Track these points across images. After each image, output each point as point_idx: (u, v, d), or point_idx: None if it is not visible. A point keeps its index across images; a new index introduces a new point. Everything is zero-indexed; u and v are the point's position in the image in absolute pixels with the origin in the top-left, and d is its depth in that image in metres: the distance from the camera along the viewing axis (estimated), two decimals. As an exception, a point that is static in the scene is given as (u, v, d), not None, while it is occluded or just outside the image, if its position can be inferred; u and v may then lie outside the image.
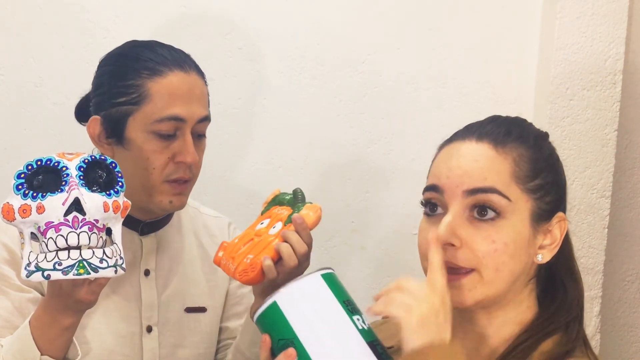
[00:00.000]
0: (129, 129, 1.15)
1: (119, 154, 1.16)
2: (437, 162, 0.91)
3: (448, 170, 0.87)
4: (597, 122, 1.62)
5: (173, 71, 1.15)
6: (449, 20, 1.65)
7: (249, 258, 1.08)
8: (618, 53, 1.60)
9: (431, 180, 0.89)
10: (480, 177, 0.85)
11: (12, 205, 0.94)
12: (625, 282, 1.73)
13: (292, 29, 1.63)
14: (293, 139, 1.66)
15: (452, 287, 0.84)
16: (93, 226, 0.94)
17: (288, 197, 1.15)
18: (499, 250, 0.83)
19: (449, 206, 0.86)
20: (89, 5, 1.58)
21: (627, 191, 1.71)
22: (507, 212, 0.84)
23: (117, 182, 1.00)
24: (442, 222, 0.84)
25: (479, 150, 0.87)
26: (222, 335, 1.33)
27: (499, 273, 0.84)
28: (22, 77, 1.59)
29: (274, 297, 0.83)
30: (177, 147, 1.15)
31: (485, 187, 0.84)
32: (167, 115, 1.13)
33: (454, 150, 0.90)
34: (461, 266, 0.84)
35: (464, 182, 0.85)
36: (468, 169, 0.86)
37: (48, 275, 0.91)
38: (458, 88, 1.66)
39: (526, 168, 0.87)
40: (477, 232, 0.84)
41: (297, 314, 0.83)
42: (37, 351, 1.01)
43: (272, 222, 1.12)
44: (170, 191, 1.16)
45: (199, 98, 1.17)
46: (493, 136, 0.88)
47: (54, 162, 0.96)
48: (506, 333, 0.90)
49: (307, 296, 0.84)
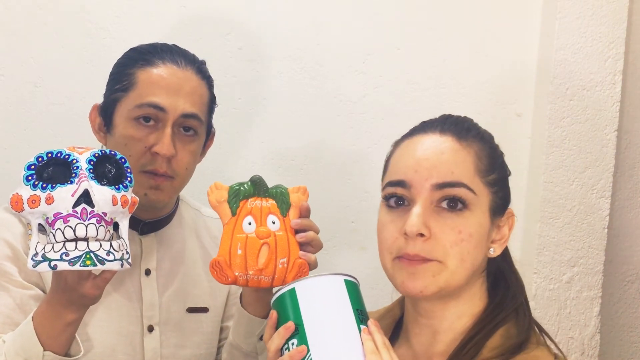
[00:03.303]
0: (116, 115, 1.17)
1: (108, 141, 1.18)
2: (400, 157, 0.92)
3: (416, 163, 0.89)
4: (597, 122, 1.62)
5: (165, 64, 1.16)
6: (449, 20, 1.65)
7: (282, 262, 1.03)
8: (618, 53, 1.61)
9: (397, 175, 0.90)
10: (447, 171, 0.87)
11: (21, 195, 0.94)
12: (625, 282, 1.73)
13: (292, 29, 1.63)
14: (293, 139, 1.66)
15: (415, 272, 0.86)
16: (101, 219, 0.94)
17: (246, 186, 1.07)
18: (464, 241, 0.87)
19: (417, 199, 0.88)
20: (89, 6, 1.58)
21: (626, 191, 1.71)
22: (473, 204, 0.88)
23: (126, 177, 1.00)
24: (413, 214, 0.86)
25: (444, 143, 0.90)
26: (223, 334, 1.33)
27: (464, 263, 0.87)
28: (22, 77, 1.58)
29: (294, 284, 0.87)
30: (155, 137, 1.15)
31: (454, 182, 0.87)
32: (146, 101, 1.14)
33: (417, 143, 0.91)
34: (428, 258, 0.87)
35: (433, 175, 0.87)
36: (436, 162, 0.88)
37: (55, 266, 0.91)
38: (458, 88, 1.67)
39: (486, 162, 0.91)
40: (444, 222, 0.87)
41: (310, 304, 0.86)
42: (40, 346, 1.00)
43: (260, 218, 1.06)
44: (146, 183, 1.15)
45: (188, 94, 1.17)
46: (456, 130, 0.91)
47: (64, 155, 0.97)
48: (460, 326, 0.92)
49: (324, 292, 0.87)
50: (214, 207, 1.08)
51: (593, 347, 1.65)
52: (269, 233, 1.05)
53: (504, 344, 0.88)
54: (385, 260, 0.90)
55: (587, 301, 1.65)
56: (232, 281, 1.04)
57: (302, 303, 0.86)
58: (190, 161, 1.20)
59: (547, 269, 1.63)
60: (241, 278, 1.04)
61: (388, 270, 0.91)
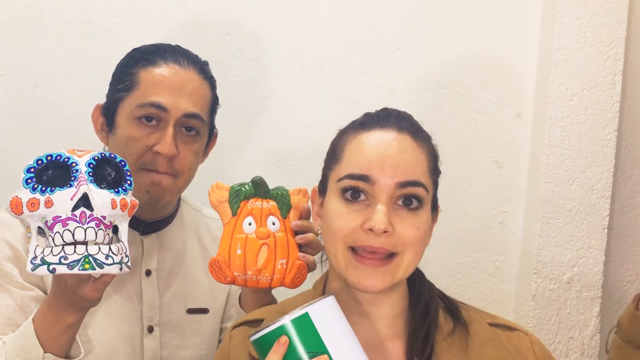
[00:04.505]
0: (118, 115, 1.17)
1: (110, 141, 1.18)
2: (359, 150, 0.92)
3: (381, 160, 0.89)
4: (596, 122, 1.62)
5: (168, 64, 1.16)
6: (449, 20, 1.65)
7: (282, 263, 1.05)
8: (618, 53, 1.61)
9: (359, 169, 0.90)
10: (410, 170, 0.90)
11: (20, 198, 0.94)
12: (625, 282, 1.73)
13: (292, 29, 1.63)
14: (293, 139, 1.66)
15: (374, 272, 0.88)
16: (100, 222, 0.94)
17: (246, 187, 1.08)
18: (421, 237, 0.90)
19: (380, 196, 0.89)
20: (89, 6, 1.59)
21: (626, 191, 1.71)
22: (425, 202, 0.91)
23: (126, 181, 1.00)
24: (379, 212, 0.87)
25: (404, 141, 0.91)
26: (222, 336, 1.33)
27: (416, 257, 0.91)
28: (22, 77, 1.59)
29: (306, 309, 0.82)
30: (156, 137, 1.15)
31: (415, 181, 0.89)
32: (149, 101, 1.14)
33: (378, 138, 0.92)
34: (392, 251, 0.89)
35: (397, 174, 0.89)
36: (399, 160, 0.89)
37: (53, 269, 0.91)
38: (458, 88, 1.66)
39: (433, 162, 0.94)
40: (404, 220, 0.89)
41: (328, 327, 0.82)
42: (41, 348, 1.01)
43: (260, 218, 1.07)
44: (146, 179, 1.15)
45: (190, 94, 1.17)
46: (412, 129, 0.93)
47: (64, 158, 0.97)
48: (397, 309, 0.96)
49: (335, 312, 0.84)
50: (215, 207, 1.08)
51: (593, 347, 1.65)
52: (269, 234, 1.06)
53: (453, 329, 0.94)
54: (338, 249, 0.90)
55: (587, 301, 1.65)
56: (231, 280, 1.05)
57: (321, 328, 0.82)
58: (192, 161, 1.19)
59: (547, 269, 1.63)
60: (240, 278, 1.05)
61: (339, 260, 0.91)
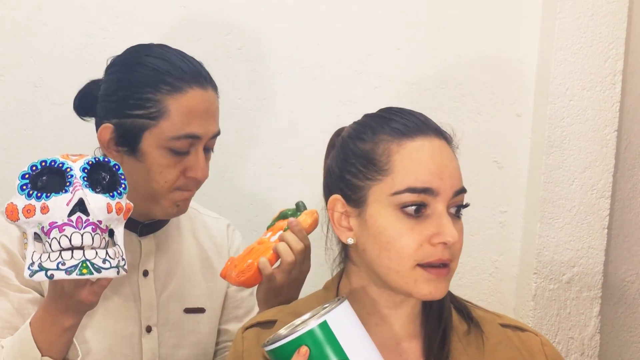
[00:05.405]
0: (144, 143, 1.13)
1: (130, 163, 1.15)
2: (416, 161, 0.87)
3: (440, 171, 0.87)
4: (596, 122, 1.62)
5: (193, 88, 1.13)
6: (449, 20, 1.65)
7: (248, 262, 1.12)
8: (618, 53, 1.60)
9: (422, 182, 0.86)
10: (460, 178, 0.89)
11: (16, 205, 0.94)
12: (625, 282, 1.73)
13: (292, 29, 1.63)
14: (293, 139, 1.66)
15: (443, 282, 0.88)
16: (96, 227, 0.94)
17: (291, 211, 1.18)
18: (462, 243, 0.90)
19: (439, 206, 0.86)
20: (89, 6, 1.58)
21: (626, 191, 1.71)
22: None
23: (120, 184, 1.00)
24: (447, 223, 0.85)
25: (446, 148, 0.90)
26: (221, 337, 1.33)
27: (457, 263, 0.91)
28: (22, 77, 1.59)
29: (324, 317, 0.80)
30: (188, 162, 1.15)
31: (463, 188, 0.89)
32: (184, 133, 1.13)
33: (427, 147, 0.88)
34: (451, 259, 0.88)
35: (454, 183, 0.88)
36: (452, 168, 0.89)
37: (51, 275, 0.91)
38: (458, 88, 1.66)
39: None
40: (456, 227, 0.88)
41: (346, 334, 0.81)
42: (38, 352, 1.01)
43: (275, 233, 1.16)
44: (179, 197, 1.18)
45: (214, 114, 1.18)
46: (445, 134, 0.92)
47: (58, 163, 0.96)
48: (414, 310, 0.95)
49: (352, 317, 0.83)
50: None
51: (593, 347, 1.65)
52: (263, 241, 1.15)
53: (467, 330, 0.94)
54: (404, 267, 0.86)
55: (587, 301, 1.65)
56: (223, 275, 1.17)
57: (340, 336, 0.80)
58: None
59: (547, 269, 1.63)
60: (227, 271, 1.16)
61: (404, 277, 0.87)
